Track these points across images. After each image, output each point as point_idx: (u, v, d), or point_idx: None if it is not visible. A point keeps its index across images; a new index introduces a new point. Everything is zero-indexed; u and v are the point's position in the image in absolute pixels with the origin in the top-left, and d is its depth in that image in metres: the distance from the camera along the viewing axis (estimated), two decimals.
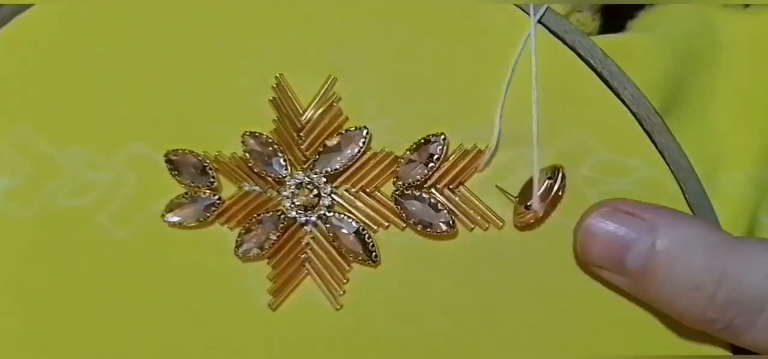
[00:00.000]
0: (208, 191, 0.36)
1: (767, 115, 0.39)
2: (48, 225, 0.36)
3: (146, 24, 0.36)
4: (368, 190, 0.36)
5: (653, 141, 0.36)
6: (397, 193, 0.36)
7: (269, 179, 0.36)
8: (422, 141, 0.35)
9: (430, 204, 0.35)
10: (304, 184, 0.36)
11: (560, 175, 0.35)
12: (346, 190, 0.36)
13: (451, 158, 0.36)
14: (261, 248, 0.36)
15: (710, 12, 0.39)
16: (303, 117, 0.36)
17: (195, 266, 0.36)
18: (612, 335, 0.36)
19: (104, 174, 0.36)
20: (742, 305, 0.32)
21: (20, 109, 0.36)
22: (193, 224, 0.36)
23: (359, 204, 0.36)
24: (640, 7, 0.40)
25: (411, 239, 0.36)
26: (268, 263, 0.36)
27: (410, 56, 0.36)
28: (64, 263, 0.36)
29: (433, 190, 0.36)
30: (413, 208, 0.35)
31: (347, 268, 0.36)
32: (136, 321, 0.36)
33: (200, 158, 0.36)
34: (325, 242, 0.36)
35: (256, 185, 0.36)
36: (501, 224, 0.36)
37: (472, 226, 0.36)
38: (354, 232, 0.36)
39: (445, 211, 0.35)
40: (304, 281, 0.36)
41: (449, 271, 0.36)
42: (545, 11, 0.35)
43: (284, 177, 0.36)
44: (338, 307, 0.36)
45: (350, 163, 0.35)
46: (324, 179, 0.36)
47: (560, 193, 0.35)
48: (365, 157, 0.36)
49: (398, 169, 0.35)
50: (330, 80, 0.35)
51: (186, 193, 0.36)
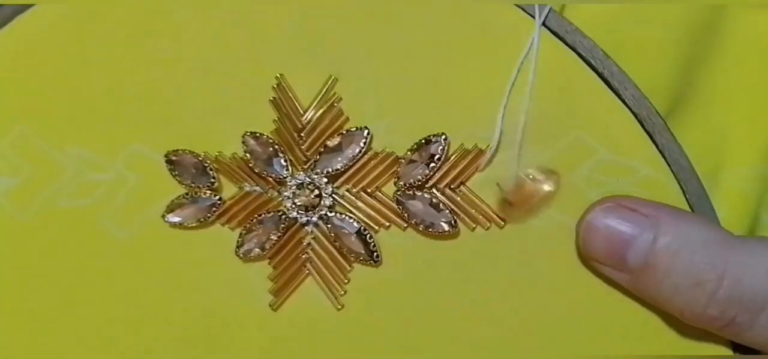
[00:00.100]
0: (209, 191, 0.36)
1: None
2: (48, 226, 0.36)
3: (147, 24, 0.36)
4: (369, 190, 0.36)
5: (654, 141, 0.36)
6: (399, 193, 0.36)
7: (270, 180, 0.36)
8: (423, 141, 0.35)
9: (432, 204, 0.35)
10: (305, 184, 0.36)
11: (548, 178, 0.35)
12: (347, 190, 0.36)
13: (452, 158, 0.36)
14: (262, 248, 0.36)
15: (709, 10, 0.39)
16: (304, 117, 0.36)
17: (196, 266, 0.36)
18: (613, 334, 0.36)
19: (105, 174, 0.36)
20: (744, 303, 0.32)
21: (21, 109, 0.36)
22: (194, 224, 0.36)
23: (360, 204, 0.36)
24: None
25: (412, 239, 0.36)
26: (269, 263, 0.36)
27: (411, 56, 0.36)
28: (65, 263, 0.36)
29: (435, 190, 0.36)
30: (415, 208, 0.35)
31: (348, 268, 0.36)
32: (137, 321, 0.36)
33: (201, 159, 0.36)
34: (327, 242, 0.36)
35: (257, 185, 0.36)
36: (502, 223, 0.36)
37: (474, 226, 0.36)
38: (355, 232, 0.36)
39: (447, 211, 0.35)
40: (306, 281, 0.36)
41: (451, 271, 0.36)
42: (548, 12, 0.35)
43: (285, 177, 0.36)
44: (339, 307, 0.36)
45: (351, 163, 0.35)
46: (325, 180, 0.36)
47: (541, 194, 0.35)
48: (366, 157, 0.36)
49: (399, 169, 0.35)
50: (331, 80, 0.35)
51: (186, 193, 0.36)
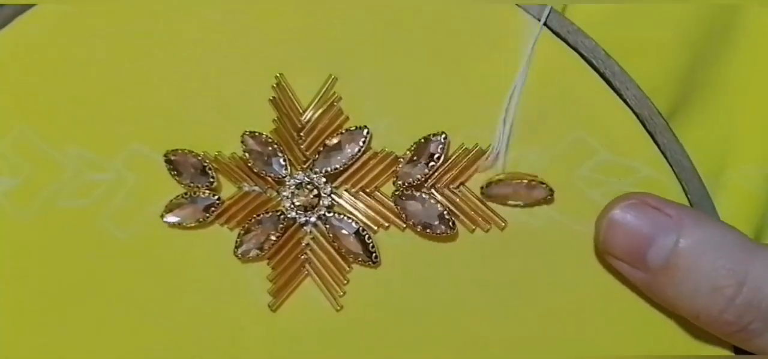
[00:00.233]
0: (208, 191, 0.36)
1: None
2: (48, 226, 0.36)
3: (146, 24, 0.36)
4: (368, 190, 0.36)
5: (656, 142, 0.36)
6: (397, 193, 0.35)
7: (269, 179, 0.36)
8: (422, 141, 0.35)
9: (431, 205, 0.35)
10: (304, 184, 0.36)
11: (532, 183, 0.35)
12: (346, 190, 0.36)
13: (452, 158, 0.35)
14: (261, 248, 0.36)
15: (712, 9, 0.38)
16: (303, 117, 0.35)
17: (194, 266, 0.36)
18: (613, 334, 0.36)
19: (104, 174, 0.36)
20: (761, 310, 0.32)
21: (21, 109, 0.36)
22: (193, 224, 0.36)
23: (359, 204, 0.36)
24: None
25: (411, 239, 0.36)
26: (268, 263, 0.36)
27: (411, 55, 0.35)
28: (64, 263, 0.36)
29: (434, 190, 0.36)
30: (413, 208, 0.35)
31: (347, 269, 0.36)
32: (136, 322, 0.36)
33: (200, 158, 0.36)
34: (325, 242, 0.36)
35: (256, 185, 0.36)
36: (503, 224, 0.36)
37: (473, 227, 0.36)
38: (354, 233, 0.35)
39: (445, 212, 0.35)
40: (304, 282, 0.36)
41: (450, 272, 0.36)
42: (549, 12, 0.35)
43: (284, 177, 0.36)
44: (338, 308, 0.36)
45: (350, 162, 0.35)
46: (324, 179, 0.36)
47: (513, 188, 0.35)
48: (365, 157, 0.35)
49: (398, 169, 0.35)
50: (330, 80, 0.35)
51: (185, 193, 0.36)
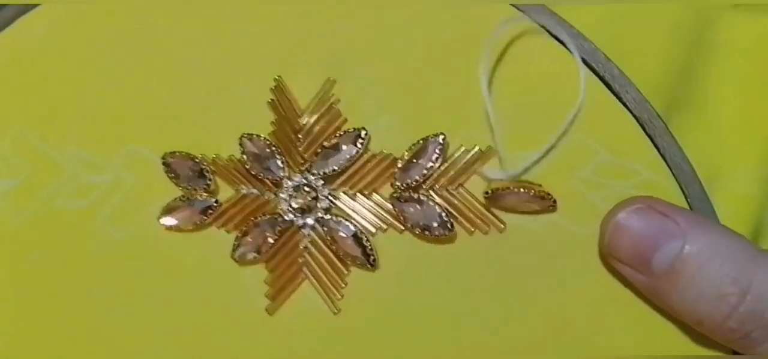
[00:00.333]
0: (205, 193, 0.36)
1: None
2: (46, 226, 0.36)
3: (146, 26, 0.36)
4: (366, 192, 0.36)
5: (655, 144, 0.35)
6: (396, 195, 0.35)
7: (267, 182, 0.35)
8: (421, 142, 0.35)
9: (429, 207, 0.35)
10: (302, 186, 0.35)
11: (528, 191, 0.35)
12: (344, 192, 0.36)
13: (451, 160, 0.35)
14: (258, 251, 0.35)
15: (708, 12, 0.38)
16: (301, 119, 0.35)
17: (191, 269, 0.36)
18: (612, 336, 0.36)
19: (102, 176, 0.36)
20: (764, 319, 0.32)
21: (20, 110, 0.36)
22: (190, 227, 0.36)
23: (357, 207, 0.36)
24: None
25: (409, 242, 0.36)
26: (266, 266, 0.36)
27: (409, 57, 0.35)
28: (62, 264, 0.36)
29: (432, 192, 0.35)
30: (411, 210, 0.35)
31: (345, 272, 0.36)
32: (133, 325, 0.36)
33: (197, 161, 0.36)
34: (323, 245, 0.36)
35: (254, 187, 0.36)
36: (502, 227, 0.35)
37: (472, 229, 0.35)
38: (352, 235, 0.35)
39: (444, 213, 0.35)
40: (302, 285, 0.36)
41: (448, 275, 0.36)
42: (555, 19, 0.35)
43: (282, 179, 0.35)
44: (336, 311, 0.36)
45: (348, 164, 0.35)
46: (321, 182, 0.35)
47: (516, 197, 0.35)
48: (363, 159, 0.35)
49: (396, 170, 0.35)
50: (328, 82, 0.35)
51: (183, 196, 0.36)
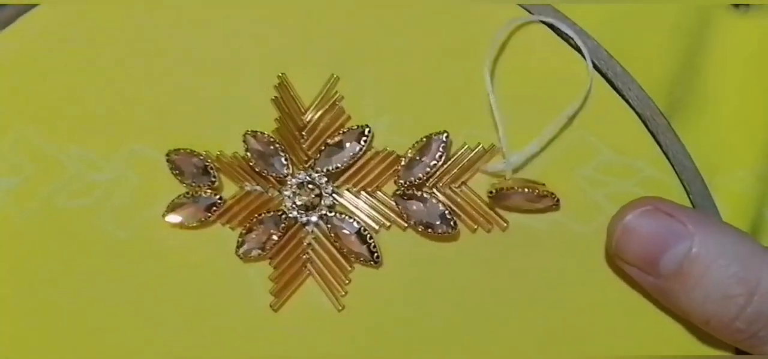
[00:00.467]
0: (210, 190, 0.36)
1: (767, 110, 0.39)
2: (48, 225, 0.36)
3: (149, 24, 0.36)
4: (370, 190, 0.36)
5: (658, 142, 0.36)
6: (399, 193, 0.35)
7: (271, 179, 0.36)
8: (424, 140, 0.35)
9: (432, 204, 0.35)
10: (306, 183, 0.36)
11: (532, 190, 0.35)
12: (348, 190, 0.36)
13: (454, 157, 0.35)
14: (262, 248, 0.36)
15: (707, 12, 0.38)
16: (305, 116, 0.35)
17: (196, 266, 0.36)
18: (614, 335, 0.36)
19: (105, 174, 0.36)
20: None
21: (22, 109, 0.36)
22: (194, 224, 0.36)
23: (361, 204, 0.36)
24: None
25: (413, 239, 0.36)
26: (270, 263, 0.36)
27: (413, 55, 0.35)
28: (65, 263, 0.36)
29: (435, 190, 0.35)
30: (415, 208, 0.35)
31: (349, 269, 0.36)
32: (137, 322, 0.36)
33: (202, 158, 0.36)
34: (327, 242, 0.36)
35: (258, 184, 0.36)
36: (505, 225, 0.36)
37: (475, 227, 0.36)
38: (355, 232, 0.35)
39: (447, 211, 0.35)
40: (306, 281, 0.36)
41: (452, 272, 0.36)
42: (555, 15, 0.35)
43: (286, 176, 0.35)
44: (340, 308, 0.36)
45: (352, 162, 0.35)
46: (325, 179, 0.35)
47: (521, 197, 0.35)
48: (367, 156, 0.35)
49: (400, 168, 0.35)
50: (332, 79, 0.35)
51: (187, 193, 0.36)
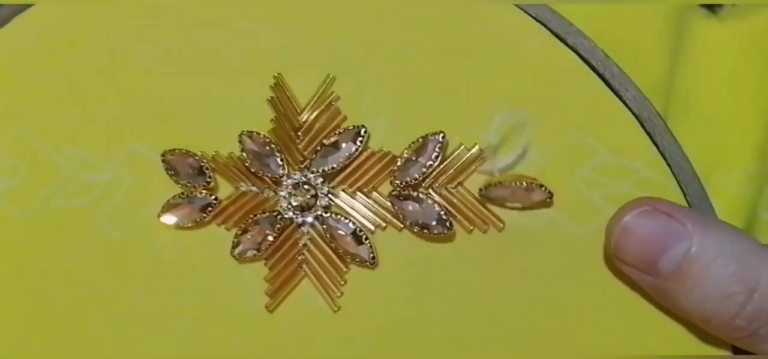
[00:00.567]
0: (205, 191, 0.36)
1: (758, 111, 0.39)
2: (45, 226, 0.36)
3: (145, 25, 0.36)
4: (365, 190, 0.36)
5: (655, 143, 0.35)
6: (395, 193, 0.35)
7: (266, 179, 0.35)
8: (420, 140, 0.35)
9: (428, 205, 0.35)
10: (301, 184, 0.35)
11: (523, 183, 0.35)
12: (344, 190, 0.36)
13: (450, 158, 0.35)
14: (257, 249, 0.35)
15: (681, 16, 0.38)
16: (301, 117, 0.35)
17: (191, 267, 0.36)
18: (612, 335, 0.36)
19: (101, 175, 0.36)
20: None
21: (19, 109, 0.36)
22: (190, 224, 0.36)
23: (356, 205, 0.36)
24: None
25: (409, 240, 0.36)
26: (265, 264, 0.36)
27: (410, 55, 0.35)
28: (61, 264, 0.36)
29: (431, 190, 0.35)
30: (410, 208, 0.35)
31: (345, 270, 0.36)
32: (133, 323, 0.36)
33: (197, 158, 0.36)
34: (323, 243, 0.36)
35: (254, 185, 0.36)
36: (501, 225, 0.35)
37: (471, 227, 0.35)
38: (351, 233, 0.35)
39: (443, 212, 0.35)
40: (302, 282, 0.36)
41: (448, 273, 0.36)
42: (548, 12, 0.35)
43: (281, 177, 0.35)
44: (336, 309, 0.36)
45: (348, 162, 0.35)
46: (321, 179, 0.35)
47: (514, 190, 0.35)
48: (363, 156, 0.35)
49: (396, 168, 0.35)
50: (328, 79, 0.35)
51: (182, 193, 0.36)
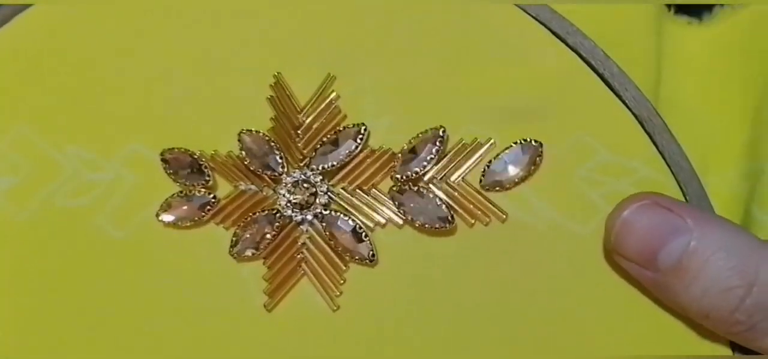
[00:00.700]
0: (204, 189, 0.36)
1: (744, 110, 0.39)
2: (46, 225, 0.36)
3: (144, 24, 0.36)
4: (365, 188, 0.36)
5: (654, 142, 0.36)
6: (395, 189, 0.35)
7: (265, 178, 0.35)
8: (421, 135, 0.35)
9: (429, 199, 0.35)
10: (301, 182, 0.35)
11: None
12: (343, 188, 0.36)
13: (450, 152, 0.35)
14: (256, 247, 0.35)
15: (662, 25, 0.39)
16: (301, 115, 0.35)
17: (190, 266, 0.36)
18: (612, 333, 0.35)
19: (102, 174, 0.36)
20: None
21: (20, 108, 0.36)
22: (188, 223, 0.36)
23: (356, 202, 0.36)
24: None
25: (409, 237, 0.36)
26: (264, 263, 0.36)
27: (410, 55, 0.35)
28: (61, 263, 0.36)
29: (432, 185, 0.35)
30: (411, 203, 0.35)
31: (344, 268, 0.36)
32: (132, 322, 0.36)
33: (196, 157, 0.35)
34: (322, 241, 0.36)
35: (253, 183, 0.36)
36: (504, 217, 0.35)
37: (473, 222, 0.35)
38: (351, 231, 0.35)
39: (444, 206, 0.35)
40: (301, 281, 0.36)
41: (448, 269, 0.35)
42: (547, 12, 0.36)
43: (280, 175, 0.35)
44: (335, 308, 0.36)
45: (347, 160, 0.35)
46: (320, 177, 0.35)
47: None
48: (362, 154, 0.35)
49: (396, 164, 0.35)
50: (328, 78, 0.35)
51: (181, 192, 0.36)
